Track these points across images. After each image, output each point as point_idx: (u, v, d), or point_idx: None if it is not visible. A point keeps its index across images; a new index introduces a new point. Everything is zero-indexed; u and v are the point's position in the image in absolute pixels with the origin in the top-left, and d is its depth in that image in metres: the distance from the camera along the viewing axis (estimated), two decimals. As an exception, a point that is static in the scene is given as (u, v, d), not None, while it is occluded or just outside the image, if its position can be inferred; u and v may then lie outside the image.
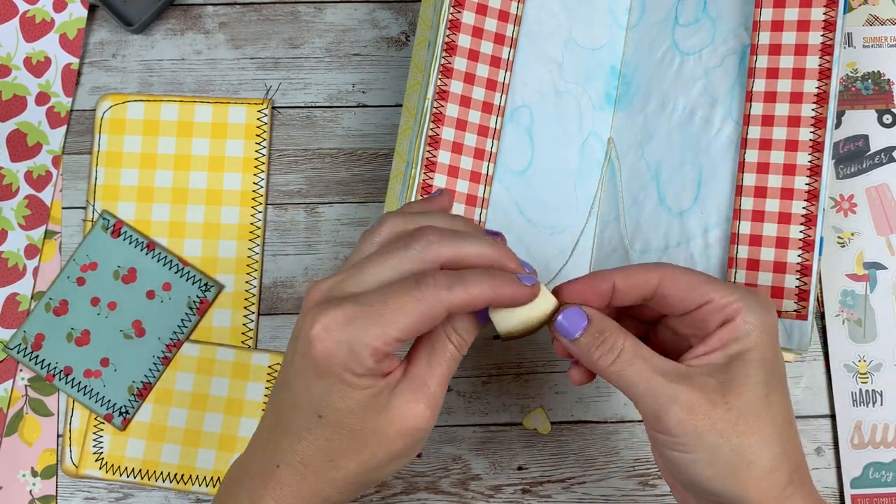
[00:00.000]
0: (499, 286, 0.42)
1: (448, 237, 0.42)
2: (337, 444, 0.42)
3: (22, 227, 0.64)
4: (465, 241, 0.42)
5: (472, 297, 0.41)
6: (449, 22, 0.56)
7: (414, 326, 0.40)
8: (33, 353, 0.62)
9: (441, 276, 0.41)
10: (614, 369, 0.43)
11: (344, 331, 0.40)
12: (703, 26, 0.59)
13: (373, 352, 0.40)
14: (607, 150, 0.61)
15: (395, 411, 0.42)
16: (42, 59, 0.66)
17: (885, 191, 0.64)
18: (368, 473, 0.43)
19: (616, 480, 0.62)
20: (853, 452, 0.61)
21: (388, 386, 0.42)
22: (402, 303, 0.40)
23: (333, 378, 0.41)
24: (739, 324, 0.43)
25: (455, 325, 0.43)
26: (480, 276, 0.41)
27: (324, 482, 0.43)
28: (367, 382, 0.41)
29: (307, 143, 0.66)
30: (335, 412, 0.41)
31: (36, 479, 0.61)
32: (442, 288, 0.40)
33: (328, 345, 0.40)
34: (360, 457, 0.42)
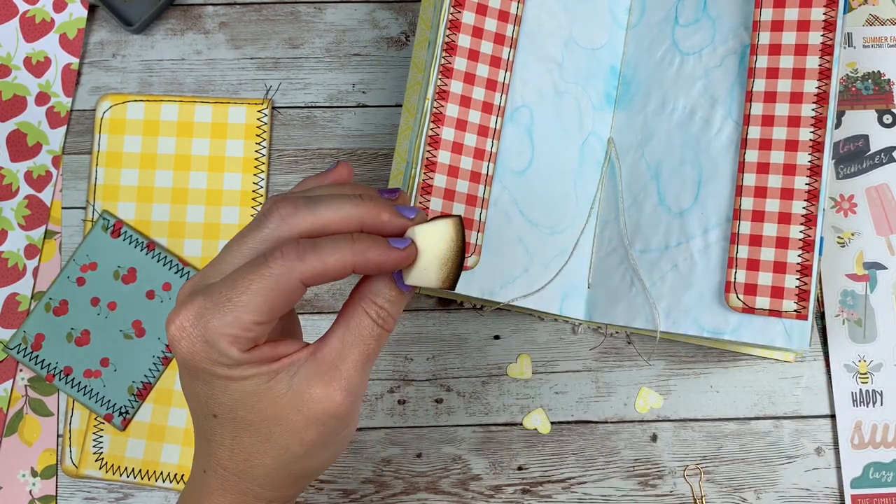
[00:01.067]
0: (361, 250, 0.37)
1: (303, 206, 0.38)
2: (243, 441, 0.40)
3: (22, 227, 0.64)
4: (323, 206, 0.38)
5: (327, 265, 0.37)
6: (449, 22, 0.56)
7: (267, 305, 0.37)
8: (33, 353, 0.62)
9: (290, 246, 0.37)
10: None
11: (196, 325, 0.37)
12: (703, 26, 0.59)
13: (232, 340, 0.37)
14: (607, 150, 0.61)
15: (298, 397, 0.39)
16: (42, 59, 0.65)
17: (885, 191, 0.64)
18: (291, 467, 0.40)
19: (616, 480, 0.62)
20: (853, 452, 0.61)
21: (287, 370, 0.39)
22: (248, 282, 0.37)
23: (207, 376, 0.38)
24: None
25: (372, 296, 0.40)
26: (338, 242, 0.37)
27: (247, 482, 0.41)
28: (246, 371, 0.38)
29: (307, 143, 0.66)
30: (225, 408, 0.39)
31: (36, 479, 0.61)
32: (291, 259, 0.37)
33: (186, 344, 0.38)
34: (272, 450, 0.40)
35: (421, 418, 0.62)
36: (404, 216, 0.39)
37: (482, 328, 0.63)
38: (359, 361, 0.40)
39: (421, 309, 0.63)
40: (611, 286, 0.59)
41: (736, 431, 0.62)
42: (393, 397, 0.62)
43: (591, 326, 0.63)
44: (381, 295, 0.40)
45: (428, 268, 0.39)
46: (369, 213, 0.39)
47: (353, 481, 0.61)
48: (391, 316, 0.40)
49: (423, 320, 0.63)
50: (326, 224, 0.38)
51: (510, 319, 0.63)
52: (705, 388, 0.62)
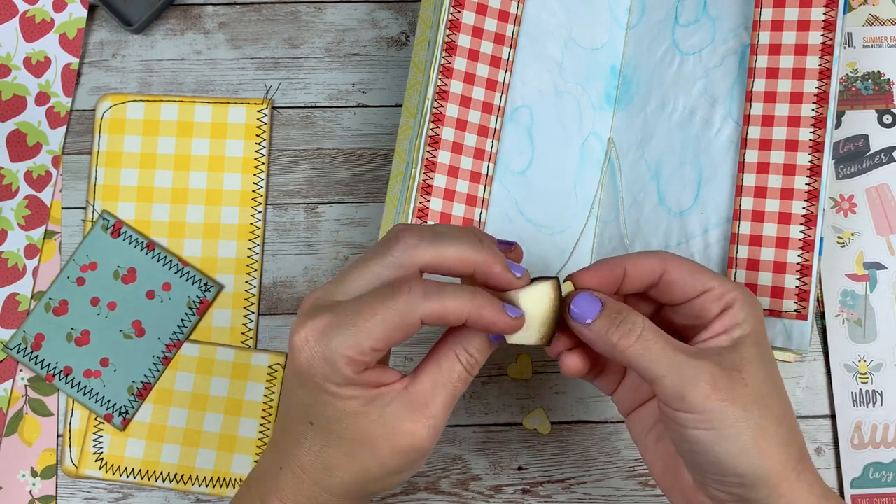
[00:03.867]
0: (479, 306, 0.41)
1: (428, 239, 0.41)
2: (330, 453, 0.42)
3: (22, 227, 0.64)
4: (445, 243, 0.41)
5: (447, 310, 0.40)
6: (449, 22, 0.56)
7: (386, 334, 0.40)
8: (33, 353, 0.62)
9: (417, 284, 0.40)
10: (637, 348, 0.42)
11: (320, 341, 0.40)
12: (703, 26, 0.59)
13: (347, 361, 0.40)
14: (607, 150, 0.61)
15: (389, 426, 0.42)
16: (42, 59, 0.65)
17: (885, 191, 0.64)
18: (366, 485, 0.43)
19: (616, 480, 0.62)
20: (853, 452, 0.61)
21: (382, 398, 0.42)
22: (375, 311, 0.40)
23: (316, 387, 0.41)
24: (738, 311, 0.44)
25: (465, 344, 0.43)
26: (460, 292, 0.41)
27: (321, 488, 0.43)
28: (350, 392, 0.41)
29: (307, 143, 0.66)
30: (323, 420, 0.42)
31: (36, 479, 0.61)
32: (417, 297, 0.40)
33: (307, 355, 0.41)
34: (354, 467, 0.42)
35: (421, 418, 0.62)
36: (513, 274, 0.43)
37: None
38: (446, 402, 0.43)
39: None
40: (611, 286, 0.59)
41: (736, 431, 0.62)
42: (393, 397, 0.62)
43: (591, 326, 0.63)
44: (473, 344, 0.43)
45: (530, 328, 0.43)
46: (485, 262, 0.42)
47: (353, 481, 0.61)
48: (478, 364, 0.44)
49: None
50: (445, 260, 0.41)
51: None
52: (705, 388, 0.62)
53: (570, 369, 0.47)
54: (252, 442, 0.61)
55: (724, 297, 0.44)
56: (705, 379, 0.41)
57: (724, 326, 0.44)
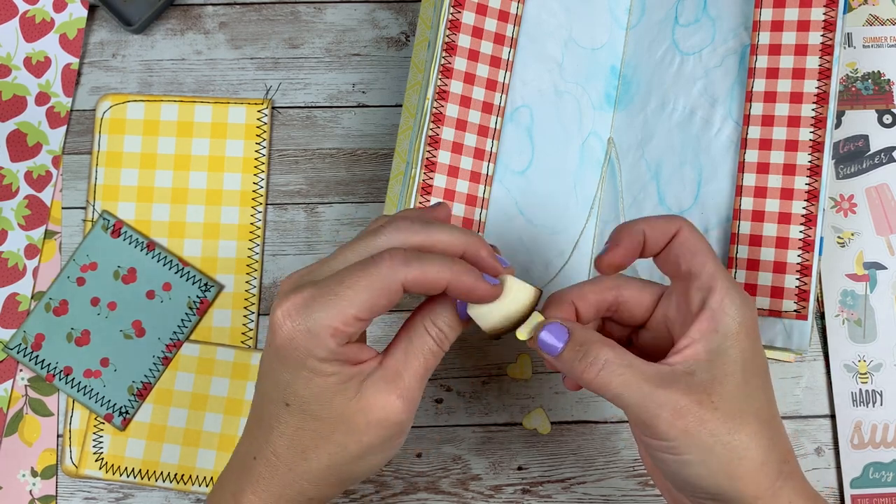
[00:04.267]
0: (458, 273, 0.41)
1: (419, 225, 0.42)
2: (306, 434, 0.42)
3: (22, 227, 0.64)
4: (436, 230, 0.42)
5: (428, 276, 0.40)
6: (449, 22, 0.56)
7: (369, 301, 0.40)
8: (33, 353, 0.62)
9: (398, 251, 0.40)
10: (599, 381, 0.42)
11: (301, 314, 0.40)
12: (703, 26, 0.59)
13: (332, 332, 0.40)
14: (607, 150, 0.61)
15: (364, 401, 0.41)
16: (42, 59, 0.66)
17: (885, 191, 0.64)
18: (342, 467, 0.43)
19: (616, 480, 0.62)
20: (853, 452, 0.61)
21: (360, 374, 0.41)
22: (357, 279, 0.40)
23: (297, 364, 0.41)
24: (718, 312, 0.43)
25: (434, 318, 0.43)
26: (441, 258, 0.41)
27: (297, 475, 0.43)
28: (331, 368, 0.41)
29: (307, 143, 0.66)
30: (300, 400, 0.41)
31: (36, 479, 0.61)
32: (397, 262, 0.40)
33: (287, 330, 0.40)
34: (330, 447, 0.42)
35: (421, 418, 0.62)
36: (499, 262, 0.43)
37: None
38: (418, 372, 0.43)
39: (421, 309, 0.63)
40: (611, 286, 0.59)
41: (736, 431, 0.62)
42: (393, 397, 0.62)
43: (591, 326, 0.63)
44: (441, 317, 0.43)
45: (493, 313, 0.43)
46: (473, 246, 0.42)
47: (353, 481, 0.61)
48: (448, 339, 0.44)
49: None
50: (435, 244, 0.42)
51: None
52: (705, 388, 0.62)
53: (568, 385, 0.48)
54: (252, 442, 0.61)
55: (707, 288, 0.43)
56: (668, 410, 0.41)
57: (700, 332, 0.43)
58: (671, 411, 0.41)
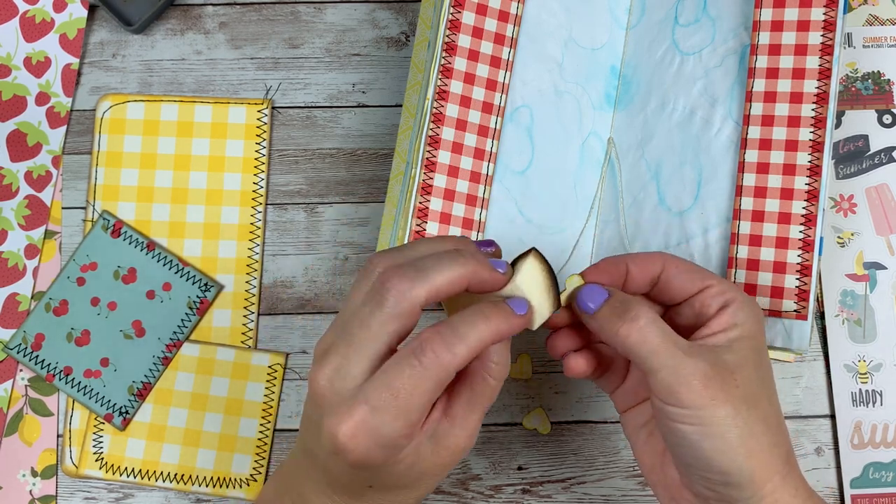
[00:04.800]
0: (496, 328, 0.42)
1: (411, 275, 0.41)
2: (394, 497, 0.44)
3: (22, 227, 0.64)
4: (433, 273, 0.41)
5: (472, 348, 0.41)
6: (449, 22, 0.56)
7: (428, 398, 0.41)
8: (33, 353, 0.62)
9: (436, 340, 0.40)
10: (636, 337, 0.43)
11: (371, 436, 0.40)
12: (703, 26, 0.59)
13: (404, 437, 0.41)
14: (607, 150, 0.61)
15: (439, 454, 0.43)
16: (42, 59, 0.66)
17: (885, 191, 0.64)
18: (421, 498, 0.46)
19: (616, 480, 0.62)
20: (853, 452, 0.61)
21: (428, 432, 0.43)
22: (410, 384, 0.40)
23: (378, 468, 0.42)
24: (737, 310, 0.45)
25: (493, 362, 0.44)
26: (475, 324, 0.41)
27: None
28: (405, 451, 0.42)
29: (307, 143, 0.66)
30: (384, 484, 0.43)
31: (36, 479, 0.61)
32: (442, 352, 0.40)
33: (362, 451, 0.41)
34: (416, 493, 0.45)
35: (421, 418, 0.62)
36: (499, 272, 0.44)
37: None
38: (482, 412, 0.44)
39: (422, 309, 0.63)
40: (611, 286, 0.59)
41: (736, 431, 0.62)
42: (393, 397, 0.62)
43: (591, 326, 0.63)
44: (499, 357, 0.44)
45: (541, 305, 0.45)
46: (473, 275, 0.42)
47: (353, 481, 0.61)
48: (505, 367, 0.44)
49: (424, 320, 0.63)
50: (439, 291, 0.41)
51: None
52: (705, 388, 0.62)
53: (573, 370, 0.48)
54: (252, 442, 0.61)
55: (723, 294, 0.45)
56: (698, 377, 0.42)
57: (721, 325, 0.44)
58: (699, 380, 0.42)
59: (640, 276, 0.47)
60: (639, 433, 0.49)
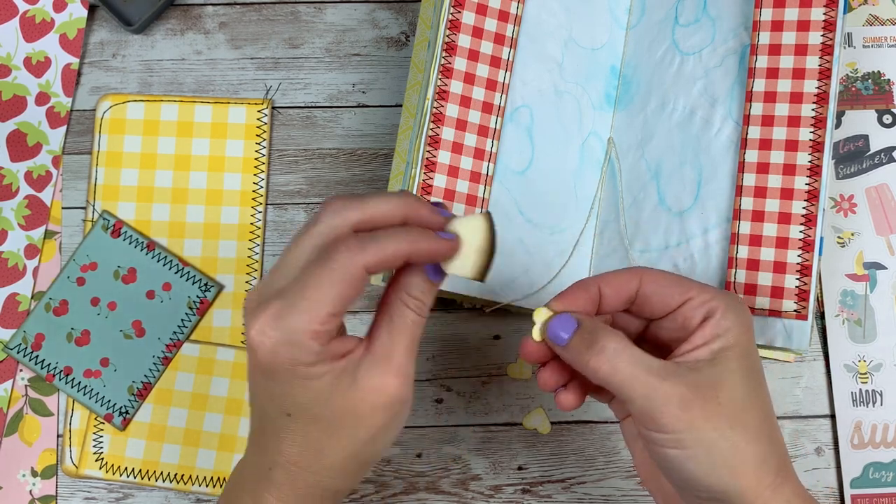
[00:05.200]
0: (415, 240, 0.41)
1: (353, 201, 0.42)
2: (315, 436, 0.42)
3: (22, 227, 0.64)
4: (371, 199, 0.42)
5: (387, 253, 0.40)
6: (449, 22, 0.56)
7: (338, 295, 0.40)
8: (33, 353, 0.62)
9: (351, 238, 0.40)
10: (606, 368, 0.42)
11: (277, 328, 0.40)
12: (703, 26, 0.59)
13: (312, 335, 0.40)
14: (607, 150, 0.61)
15: (362, 389, 0.42)
16: (42, 59, 0.66)
17: (885, 191, 0.64)
18: (359, 454, 0.43)
19: (616, 480, 0.62)
20: (853, 452, 0.61)
21: (350, 365, 0.42)
22: (318, 278, 0.40)
23: (287, 375, 0.41)
24: (720, 320, 0.44)
25: (408, 290, 0.43)
26: (394, 233, 0.41)
27: (316, 474, 0.43)
28: (321, 369, 0.41)
29: (307, 143, 0.66)
30: (300, 407, 0.42)
31: (36, 479, 0.61)
32: (353, 250, 0.40)
33: (268, 347, 0.40)
34: (342, 441, 0.43)
35: (421, 418, 0.62)
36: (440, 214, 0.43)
37: (482, 328, 0.63)
38: (406, 348, 0.43)
39: (421, 309, 0.63)
40: (611, 286, 0.59)
41: (736, 431, 0.62)
42: (393, 397, 0.62)
43: (591, 326, 0.63)
44: (415, 286, 0.43)
45: (467, 257, 0.43)
46: (411, 208, 0.42)
47: (353, 481, 0.61)
48: (426, 305, 0.43)
49: (423, 320, 0.63)
50: (374, 215, 0.41)
51: (510, 319, 0.63)
52: (705, 388, 0.62)
53: (564, 406, 0.48)
54: (252, 442, 0.61)
55: (705, 304, 0.44)
56: (674, 402, 0.41)
57: (704, 338, 0.44)
58: (677, 404, 0.41)
59: (615, 297, 0.46)
60: (636, 442, 0.49)
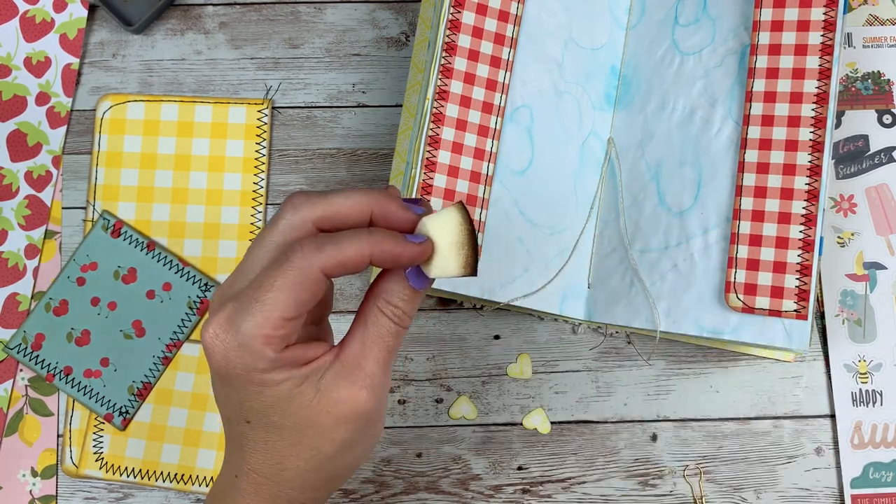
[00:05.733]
0: (377, 241, 0.38)
1: (316, 196, 0.39)
2: (276, 446, 0.41)
3: (22, 227, 0.64)
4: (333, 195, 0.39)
5: (345, 256, 0.38)
6: (449, 22, 0.56)
7: (293, 299, 0.37)
8: (33, 353, 0.62)
9: (308, 240, 0.38)
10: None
11: (229, 331, 0.38)
12: (703, 26, 0.59)
13: (264, 340, 0.38)
14: (607, 150, 0.61)
15: (326, 399, 0.39)
16: (42, 59, 0.66)
17: (885, 191, 0.64)
18: (323, 468, 0.41)
19: (616, 480, 0.62)
20: (853, 452, 0.61)
21: (315, 373, 0.39)
22: (273, 280, 0.37)
23: (242, 381, 0.39)
24: None
25: (387, 296, 0.40)
26: (355, 234, 0.38)
27: (280, 485, 0.42)
28: (279, 376, 0.39)
29: (307, 143, 0.66)
30: (258, 414, 0.40)
31: (36, 479, 0.61)
32: (309, 251, 0.37)
33: (220, 351, 0.38)
34: (304, 452, 0.41)
35: (421, 418, 0.62)
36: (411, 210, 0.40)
37: (482, 328, 0.63)
38: (380, 359, 0.40)
39: (421, 309, 0.63)
40: (611, 286, 0.59)
41: (736, 431, 0.62)
42: (393, 397, 0.62)
43: (591, 326, 0.63)
44: (394, 293, 0.40)
45: (446, 257, 0.40)
46: (378, 203, 0.39)
47: (354, 481, 0.61)
48: (406, 314, 0.41)
49: (423, 320, 0.63)
50: (337, 211, 0.39)
51: (510, 319, 0.63)
52: (705, 388, 0.62)
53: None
54: (252, 442, 0.61)
55: None
56: None
57: None
58: None
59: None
60: None
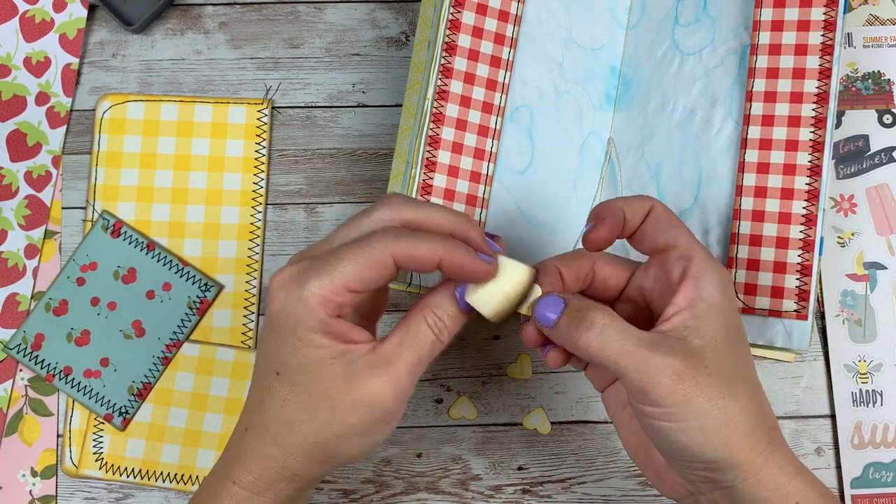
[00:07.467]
0: (451, 248, 0.42)
1: (411, 201, 0.43)
2: (292, 407, 0.42)
3: (22, 227, 0.64)
4: (427, 206, 0.43)
5: (419, 251, 0.41)
6: (449, 22, 0.56)
7: (359, 273, 0.41)
8: (33, 353, 0.62)
9: (391, 227, 0.42)
10: (596, 345, 0.42)
11: (296, 282, 0.41)
12: (703, 26, 0.59)
13: (322, 301, 0.41)
14: (607, 150, 0.61)
15: (351, 381, 0.42)
16: (42, 59, 0.66)
17: (885, 191, 0.64)
18: (327, 445, 0.43)
19: (616, 480, 0.62)
20: (853, 452, 0.61)
21: (350, 354, 0.42)
22: (346, 252, 0.41)
23: (288, 332, 0.42)
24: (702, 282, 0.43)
25: (434, 307, 0.43)
26: (433, 237, 0.42)
27: (281, 448, 0.43)
28: (320, 340, 0.41)
29: (307, 143, 0.66)
30: (289, 369, 0.42)
31: (36, 479, 0.61)
32: (389, 236, 0.41)
33: (281, 298, 0.41)
34: (315, 423, 0.42)
35: (421, 418, 0.62)
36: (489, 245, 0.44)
37: (482, 328, 0.63)
38: (411, 362, 0.43)
39: (421, 309, 0.63)
40: (611, 286, 0.59)
41: (736, 431, 0.62)
42: (393, 397, 0.62)
43: (591, 326, 0.63)
44: (441, 307, 0.44)
45: (492, 295, 0.43)
46: (463, 227, 0.43)
47: (353, 481, 0.61)
48: (447, 328, 0.44)
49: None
50: (425, 219, 0.43)
51: (510, 319, 0.63)
52: (705, 388, 0.62)
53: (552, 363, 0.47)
54: (252, 442, 0.61)
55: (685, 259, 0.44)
56: (668, 375, 0.41)
57: (686, 300, 0.43)
58: (670, 377, 0.41)
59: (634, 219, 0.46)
60: (622, 413, 0.48)
